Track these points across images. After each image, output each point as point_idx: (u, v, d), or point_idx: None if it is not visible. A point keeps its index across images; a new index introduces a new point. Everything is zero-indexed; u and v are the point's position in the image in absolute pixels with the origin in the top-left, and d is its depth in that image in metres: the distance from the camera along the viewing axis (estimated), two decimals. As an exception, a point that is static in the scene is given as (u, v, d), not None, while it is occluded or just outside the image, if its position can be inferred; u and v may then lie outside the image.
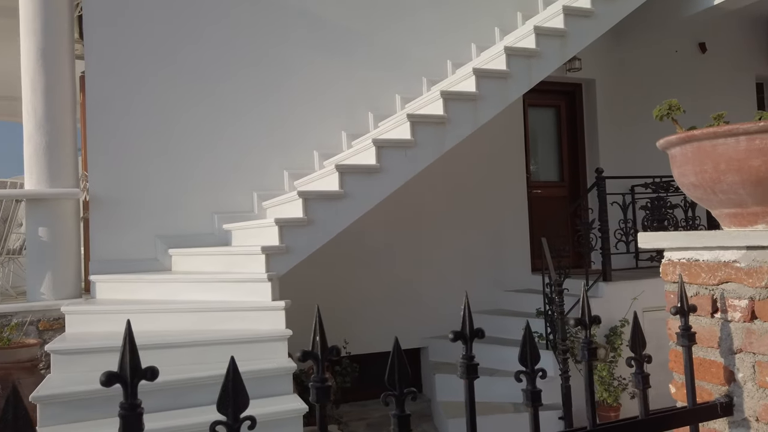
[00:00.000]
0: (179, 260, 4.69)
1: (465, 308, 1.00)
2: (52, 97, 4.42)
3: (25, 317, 4.15)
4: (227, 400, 0.76)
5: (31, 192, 4.34)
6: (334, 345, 0.84)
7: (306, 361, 0.83)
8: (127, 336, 0.73)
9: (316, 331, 0.84)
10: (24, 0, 4.41)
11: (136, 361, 0.73)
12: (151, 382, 0.79)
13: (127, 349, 0.73)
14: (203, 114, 4.96)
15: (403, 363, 0.85)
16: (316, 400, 0.82)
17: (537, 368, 1.07)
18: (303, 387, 4.44)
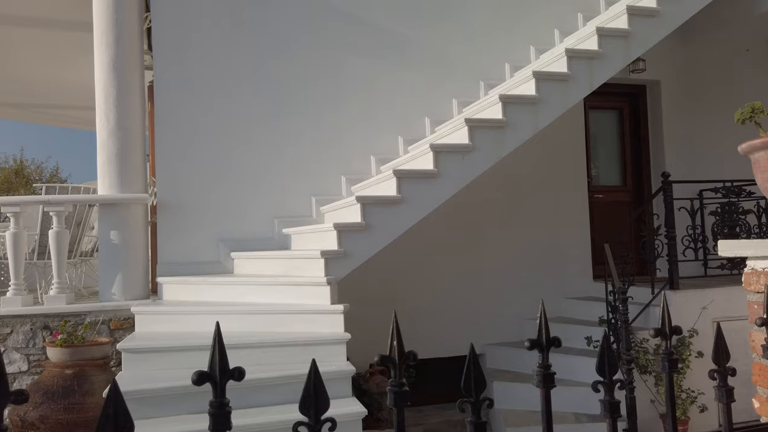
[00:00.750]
0: (241, 263, 4.82)
1: (541, 316, 0.98)
2: (123, 107, 4.64)
3: (97, 316, 4.36)
4: (309, 401, 0.77)
5: (104, 197, 4.56)
6: (411, 350, 0.84)
7: (384, 365, 0.83)
8: (216, 338, 0.76)
9: (393, 335, 0.84)
10: (98, 14, 4.65)
11: (224, 361, 0.76)
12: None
13: (216, 350, 0.76)
14: (264, 122, 5.09)
15: (479, 370, 0.84)
16: (394, 404, 0.83)
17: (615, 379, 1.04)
18: (360, 390, 4.47)
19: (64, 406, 3.54)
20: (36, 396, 3.60)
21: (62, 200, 4.46)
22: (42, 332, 4.29)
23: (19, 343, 4.27)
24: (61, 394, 3.59)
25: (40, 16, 5.88)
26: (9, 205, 4.42)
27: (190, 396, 3.14)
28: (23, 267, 4.47)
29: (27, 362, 4.27)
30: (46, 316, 4.32)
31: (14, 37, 6.50)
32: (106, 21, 4.62)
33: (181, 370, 3.43)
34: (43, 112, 9.60)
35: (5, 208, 4.42)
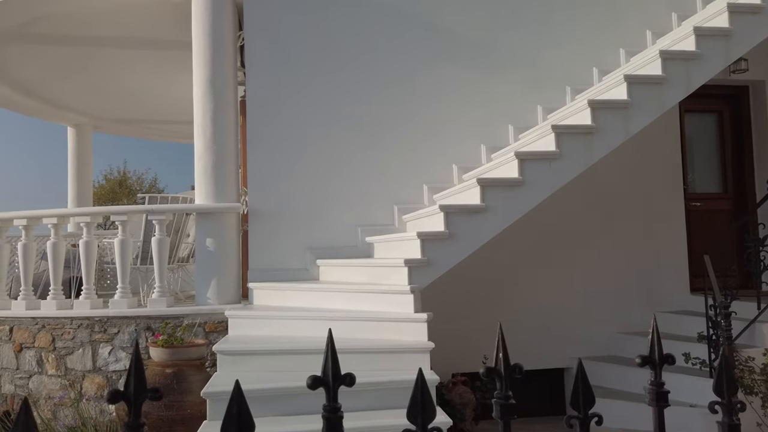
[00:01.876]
0: (326, 270, 4.95)
1: (653, 332, 0.94)
2: (219, 121, 4.90)
3: (194, 319, 4.61)
4: (417, 409, 0.79)
5: (201, 206, 4.84)
6: (517, 363, 0.83)
7: (489, 377, 0.84)
8: (329, 344, 0.79)
9: (498, 347, 0.84)
10: (197, 35, 4.96)
11: (337, 367, 0.79)
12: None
13: (329, 356, 0.79)
14: (348, 132, 5.22)
15: (587, 386, 0.82)
16: (500, 417, 0.83)
17: (734, 401, 0.98)
18: (443, 400, 4.45)
19: (165, 404, 3.77)
20: (140, 392, 3.85)
21: (164, 209, 4.77)
22: (145, 333, 4.60)
23: (124, 343, 4.60)
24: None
25: (145, 37, 6.33)
26: (118, 214, 4.78)
27: (282, 398, 3.26)
28: (129, 272, 4.81)
29: (132, 360, 4.57)
30: (149, 317, 4.63)
31: (122, 58, 7.05)
32: (204, 41, 4.91)
33: (272, 372, 3.58)
34: (145, 126, 10.32)
35: (114, 216, 4.79)
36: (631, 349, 5.40)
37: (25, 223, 4.89)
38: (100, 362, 4.59)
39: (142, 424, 0.77)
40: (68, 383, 4.58)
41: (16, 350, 4.82)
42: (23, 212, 4.91)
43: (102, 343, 4.61)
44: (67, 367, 4.64)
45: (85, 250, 4.75)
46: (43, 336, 4.72)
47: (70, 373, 4.63)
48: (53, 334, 4.69)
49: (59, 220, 4.87)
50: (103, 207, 5.81)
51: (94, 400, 4.45)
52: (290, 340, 3.89)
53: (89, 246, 4.76)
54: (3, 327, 4.89)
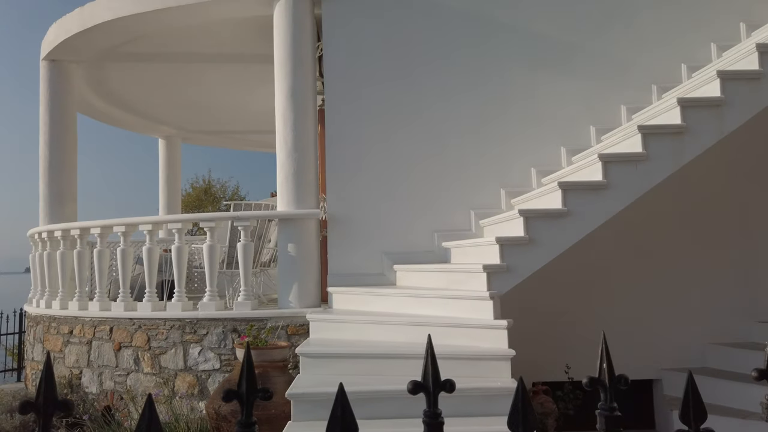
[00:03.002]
0: (403, 275, 4.98)
1: (768, 344, 0.88)
2: (299, 130, 5.06)
3: (277, 322, 4.77)
4: (517, 417, 0.78)
5: (283, 213, 5.00)
6: (622, 374, 0.81)
7: (592, 387, 0.82)
8: (429, 350, 0.80)
9: (603, 358, 0.83)
10: (278, 47, 5.15)
11: (436, 373, 0.80)
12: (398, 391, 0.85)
13: (429, 362, 0.81)
14: (424, 138, 5.24)
15: (698, 399, 0.79)
16: (605, 429, 0.81)
17: None
18: (523, 409, 4.35)
19: (251, 403, 3.91)
20: (228, 391, 4.02)
21: (249, 216, 4.97)
22: (231, 334, 4.80)
23: (213, 344, 4.83)
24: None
25: (230, 52, 6.65)
26: (206, 221, 5.03)
27: (364, 402, 3.30)
28: (216, 276, 5.04)
29: (219, 361, 4.80)
30: (235, 320, 4.83)
31: (209, 73, 7.43)
32: (285, 52, 5.10)
33: (353, 376, 3.64)
34: (229, 136, 10.81)
35: (203, 223, 5.04)
36: (728, 361, 5.06)
37: (123, 230, 5.25)
38: (191, 362, 4.84)
39: (253, 423, 0.81)
40: (162, 381, 4.86)
41: (116, 349, 5.17)
42: (122, 219, 5.27)
43: (192, 343, 4.86)
44: (161, 366, 4.93)
45: (177, 255, 5.03)
46: (140, 336, 5.03)
47: (163, 371, 4.91)
48: (148, 334, 5.00)
49: (154, 227, 5.19)
50: (194, 214, 6.16)
51: (186, 397, 4.69)
52: (369, 344, 3.94)
53: (181, 251, 5.04)
54: (104, 327, 5.26)
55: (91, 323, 5.35)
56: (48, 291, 5.99)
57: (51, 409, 0.72)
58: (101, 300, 5.37)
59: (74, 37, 5.97)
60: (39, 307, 6.07)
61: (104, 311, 5.29)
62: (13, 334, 8.71)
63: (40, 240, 6.21)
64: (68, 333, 5.54)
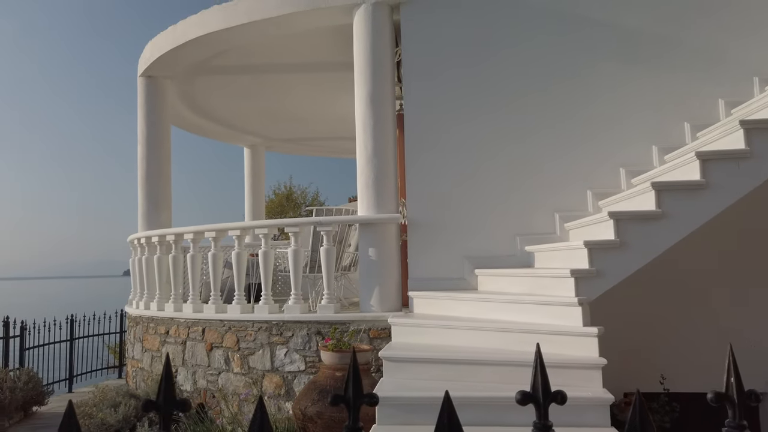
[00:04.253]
0: (484, 280, 4.90)
1: None
2: (379, 135, 5.11)
3: (359, 325, 4.83)
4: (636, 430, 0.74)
5: (363, 217, 5.07)
6: (752, 389, 0.75)
7: (719, 403, 0.76)
8: (538, 360, 0.78)
9: (730, 371, 0.77)
10: (358, 55, 5.23)
11: (546, 383, 0.77)
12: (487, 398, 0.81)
13: (538, 372, 0.78)
14: (505, 140, 5.13)
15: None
16: (732, 448, 0.75)
17: None
18: (616, 421, 4.15)
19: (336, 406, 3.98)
20: (313, 393, 4.12)
21: (331, 221, 5.08)
22: (315, 337, 4.91)
23: (298, 346, 4.96)
24: (333, 393, 4.05)
25: (310, 62, 6.83)
26: (291, 226, 5.18)
27: (431, 408, 3.27)
28: (301, 279, 5.18)
29: (304, 363, 4.92)
30: (318, 322, 4.94)
31: (290, 82, 7.67)
32: (364, 59, 5.17)
33: (435, 381, 3.61)
34: (309, 144, 11.10)
35: (288, 228, 5.20)
36: None
37: (214, 236, 5.50)
38: (277, 363, 4.99)
39: (360, 428, 0.81)
40: (251, 381, 5.05)
41: (208, 349, 5.42)
42: (213, 225, 5.53)
43: (278, 345, 5.01)
44: (249, 366, 5.11)
45: (264, 259, 5.21)
46: (230, 337, 5.25)
47: (252, 371, 5.10)
48: (238, 335, 5.21)
49: (242, 232, 5.40)
50: (279, 220, 6.36)
51: (273, 397, 4.84)
52: (451, 350, 3.90)
53: (267, 255, 5.22)
54: (197, 328, 5.54)
55: (185, 324, 5.65)
56: (146, 293, 6.38)
57: (170, 408, 0.76)
58: (194, 302, 5.65)
59: (167, 54, 6.34)
60: (138, 308, 6.48)
61: (197, 313, 5.56)
62: (115, 334, 9.35)
63: (138, 245, 6.63)
64: (165, 333, 5.88)
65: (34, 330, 7.73)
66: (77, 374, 8.35)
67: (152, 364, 6.04)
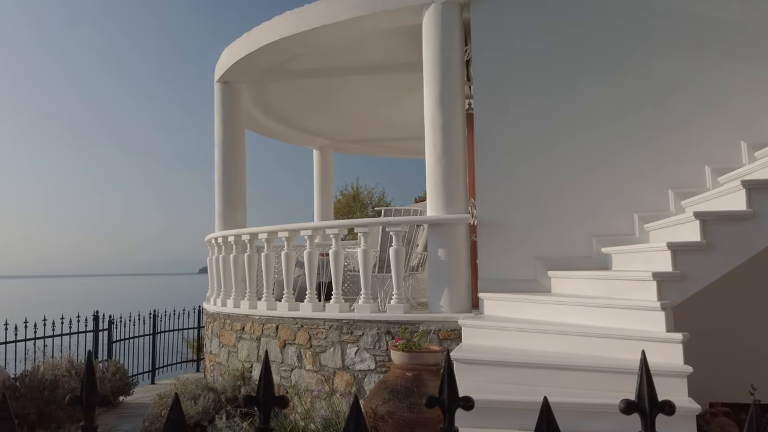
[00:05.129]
0: (558, 282, 4.77)
1: None
2: (448, 135, 5.08)
3: (428, 326, 4.82)
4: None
5: (433, 218, 5.05)
6: None
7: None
8: (643, 367, 0.75)
9: None
10: (427, 54, 5.22)
11: (653, 392, 0.74)
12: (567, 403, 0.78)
13: (644, 380, 0.75)
14: (580, 138, 4.98)
15: None
16: None
17: None
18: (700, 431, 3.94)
19: (407, 405, 3.99)
20: (384, 393, 4.14)
21: (400, 221, 5.09)
22: (385, 337, 4.94)
23: (368, 345, 5.01)
24: (403, 393, 4.06)
25: (378, 63, 6.89)
26: (360, 227, 5.24)
27: (518, 412, 3.21)
28: (370, 279, 5.23)
29: (374, 362, 4.96)
30: (388, 322, 4.96)
31: (359, 84, 7.76)
32: (434, 59, 5.16)
33: (506, 384, 3.56)
34: (376, 144, 11.20)
35: (358, 228, 5.26)
36: None
37: (286, 235, 5.65)
38: (348, 361, 5.06)
39: (455, 430, 0.81)
40: (323, 378, 5.15)
41: (281, 346, 5.57)
42: (285, 225, 5.68)
43: (349, 343, 5.08)
44: (321, 364, 5.21)
45: (334, 258, 5.30)
46: (302, 334, 5.38)
47: (323, 369, 5.19)
48: (310, 333, 5.32)
49: (313, 232, 5.52)
50: (349, 220, 6.46)
51: (344, 395, 4.91)
52: (523, 353, 3.83)
53: (338, 255, 5.30)
54: (270, 325, 5.70)
55: (259, 321, 5.83)
56: (223, 291, 6.64)
57: (270, 404, 0.79)
58: (268, 300, 5.82)
59: (242, 60, 6.57)
60: (215, 305, 6.74)
61: (271, 310, 5.73)
62: (193, 329, 9.78)
63: (215, 244, 6.90)
64: (240, 330, 6.09)
65: (120, 324, 8.20)
66: (159, 367, 8.80)
67: (229, 359, 6.27)
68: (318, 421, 4.33)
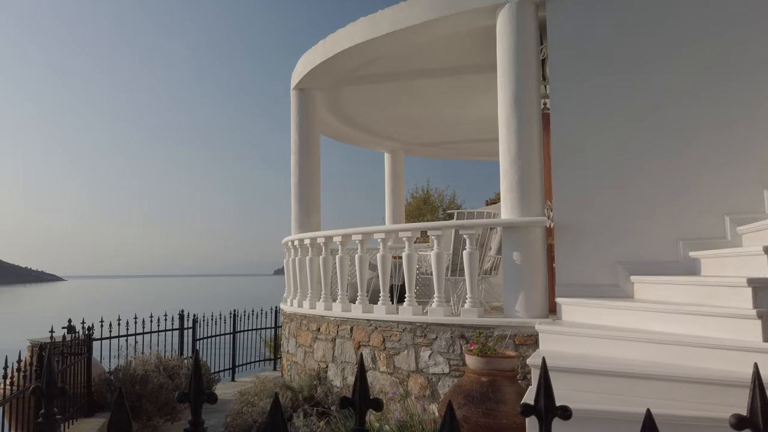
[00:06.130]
0: (641, 288, 4.57)
1: None
2: (523, 137, 4.99)
3: (504, 331, 4.74)
4: None
5: (508, 221, 4.97)
6: None
7: None
8: (756, 380, 0.71)
9: None
10: (501, 54, 5.14)
11: (766, 407, 0.71)
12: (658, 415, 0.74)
13: (757, 394, 0.71)
14: (663, 136, 4.75)
15: None
16: None
17: None
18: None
19: (483, 411, 3.94)
20: (459, 397, 4.12)
21: (474, 224, 5.05)
22: (459, 340, 4.91)
23: (441, 348, 4.99)
24: (478, 398, 4.02)
25: (450, 66, 6.86)
26: (433, 230, 5.24)
27: (603, 422, 3.11)
28: (444, 282, 5.21)
29: (448, 365, 4.94)
30: (462, 326, 4.93)
31: (430, 87, 7.76)
32: (508, 59, 5.08)
33: (589, 393, 3.44)
34: (447, 147, 11.15)
35: (430, 231, 5.26)
36: None
37: (360, 238, 5.73)
38: (422, 364, 5.07)
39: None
40: (397, 380, 5.18)
41: (355, 347, 5.65)
42: (359, 229, 5.76)
43: (422, 346, 5.08)
44: (395, 366, 5.25)
45: (407, 261, 5.32)
46: (376, 336, 5.43)
47: (397, 371, 5.22)
48: (383, 335, 5.37)
49: (386, 235, 5.57)
50: (422, 223, 6.48)
51: (418, 398, 4.92)
52: (605, 361, 3.69)
53: (411, 258, 5.32)
54: (345, 326, 5.80)
55: (334, 322, 5.94)
56: (299, 292, 6.82)
57: (365, 406, 0.81)
58: (342, 301, 5.92)
59: (318, 67, 6.73)
60: (292, 306, 6.94)
61: (345, 312, 5.82)
62: (270, 329, 10.09)
63: (292, 247, 7.10)
64: (316, 330, 6.23)
65: (203, 323, 8.60)
66: (238, 365, 9.14)
67: (305, 358, 6.43)
68: (393, 424, 4.36)
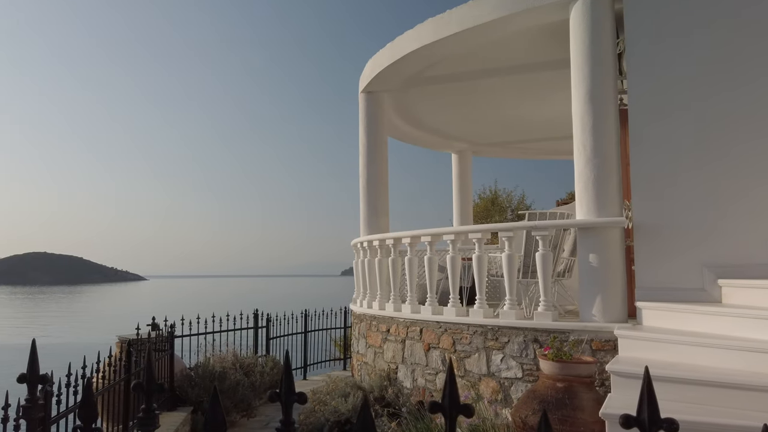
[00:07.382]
0: (730, 292, 4.30)
1: None
2: (599, 135, 4.80)
3: (580, 335, 4.58)
4: None
5: (583, 222, 4.80)
6: None
7: None
8: None
9: None
10: (575, 50, 4.98)
11: None
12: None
13: None
14: (753, 129, 4.45)
15: None
16: None
17: None
18: None
19: (558, 417, 3.83)
20: (533, 403, 4.01)
21: (547, 225, 4.91)
22: (532, 344, 4.79)
23: (514, 352, 4.88)
24: (554, 404, 3.90)
25: (520, 63, 6.71)
26: (504, 231, 5.14)
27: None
28: (515, 284, 5.10)
29: (521, 370, 4.83)
30: (535, 330, 4.80)
31: (499, 86, 7.63)
32: (582, 54, 4.91)
33: (674, 402, 3.27)
34: (516, 147, 10.93)
35: (501, 233, 5.16)
36: None
37: (429, 240, 5.71)
38: (493, 368, 4.98)
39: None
40: (468, 384, 5.11)
41: (425, 349, 5.63)
42: (428, 230, 5.74)
43: (494, 350, 5.00)
44: (465, 369, 5.18)
45: (477, 263, 5.25)
46: (446, 338, 5.39)
47: (468, 374, 5.16)
48: (453, 337, 5.32)
49: (456, 237, 5.51)
50: (493, 224, 6.38)
51: (491, 402, 4.84)
52: (692, 369, 3.49)
53: (481, 260, 5.25)
54: (414, 328, 5.79)
55: (404, 324, 5.95)
56: (368, 293, 6.87)
57: (455, 411, 0.80)
58: (412, 303, 5.92)
59: (386, 69, 6.76)
60: (362, 306, 7.00)
61: (414, 314, 5.81)
62: (339, 329, 10.23)
63: (361, 248, 7.17)
64: (386, 331, 6.26)
65: (276, 322, 8.83)
66: (310, 363, 9.33)
67: (375, 359, 6.47)
68: (465, 428, 4.31)
